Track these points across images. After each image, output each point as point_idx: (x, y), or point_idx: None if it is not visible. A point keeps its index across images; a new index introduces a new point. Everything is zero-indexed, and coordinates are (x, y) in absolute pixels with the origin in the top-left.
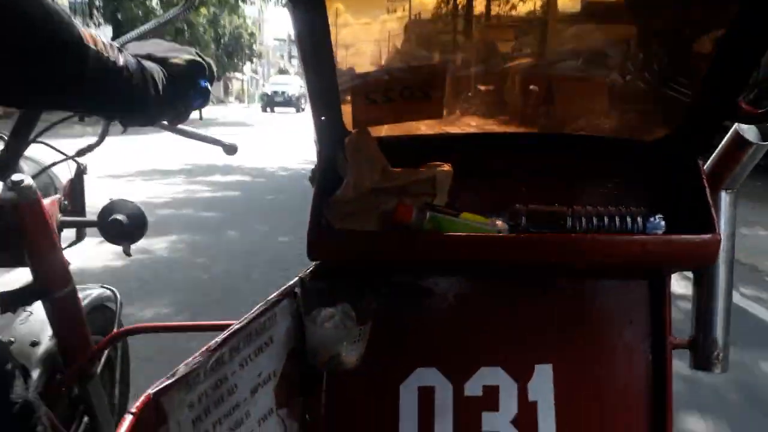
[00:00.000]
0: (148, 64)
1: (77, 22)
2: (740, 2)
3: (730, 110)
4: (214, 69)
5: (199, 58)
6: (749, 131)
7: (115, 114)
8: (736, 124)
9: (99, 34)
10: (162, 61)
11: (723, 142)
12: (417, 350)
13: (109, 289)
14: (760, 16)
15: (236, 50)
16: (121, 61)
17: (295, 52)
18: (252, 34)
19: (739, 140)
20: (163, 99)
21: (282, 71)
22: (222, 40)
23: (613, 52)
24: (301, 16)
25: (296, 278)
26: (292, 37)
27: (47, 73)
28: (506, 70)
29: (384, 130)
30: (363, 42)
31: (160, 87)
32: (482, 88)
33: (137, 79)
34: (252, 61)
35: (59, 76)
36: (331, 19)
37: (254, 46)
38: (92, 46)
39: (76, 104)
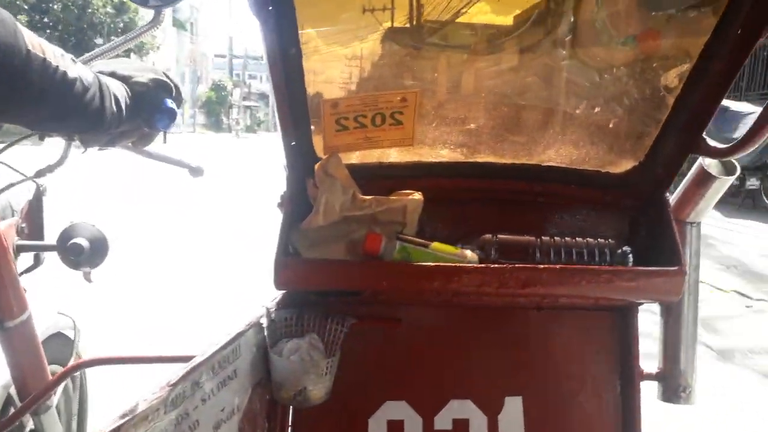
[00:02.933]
0: (109, 80)
1: (23, 27)
2: (707, 38)
3: (695, 145)
4: (182, 91)
5: (165, 78)
6: (713, 166)
7: (69, 129)
8: (700, 158)
9: (50, 44)
10: (125, 79)
11: (688, 177)
12: (385, 383)
13: (67, 316)
14: (725, 53)
15: (77, 33)
16: (73, 73)
17: (237, 68)
18: (122, 4)
19: (704, 175)
20: (125, 117)
21: (218, 86)
22: (55, 14)
23: (582, 85)
24: (272, 40)
25: (262, 308)
26: (235, 54)
27: None
28: (477, 99)
29: (355, 157)
30: (334, 67)
31: (122, 104)
32: (453, 116)
33: (93, 94)
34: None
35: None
36: (302, 44)
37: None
38: (39, 54)
39: (18, 116)
